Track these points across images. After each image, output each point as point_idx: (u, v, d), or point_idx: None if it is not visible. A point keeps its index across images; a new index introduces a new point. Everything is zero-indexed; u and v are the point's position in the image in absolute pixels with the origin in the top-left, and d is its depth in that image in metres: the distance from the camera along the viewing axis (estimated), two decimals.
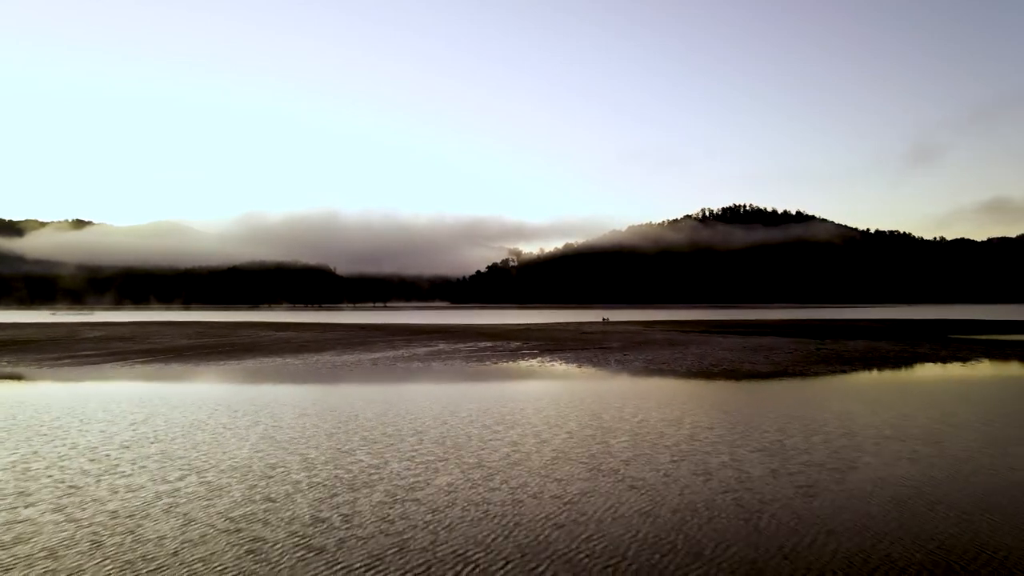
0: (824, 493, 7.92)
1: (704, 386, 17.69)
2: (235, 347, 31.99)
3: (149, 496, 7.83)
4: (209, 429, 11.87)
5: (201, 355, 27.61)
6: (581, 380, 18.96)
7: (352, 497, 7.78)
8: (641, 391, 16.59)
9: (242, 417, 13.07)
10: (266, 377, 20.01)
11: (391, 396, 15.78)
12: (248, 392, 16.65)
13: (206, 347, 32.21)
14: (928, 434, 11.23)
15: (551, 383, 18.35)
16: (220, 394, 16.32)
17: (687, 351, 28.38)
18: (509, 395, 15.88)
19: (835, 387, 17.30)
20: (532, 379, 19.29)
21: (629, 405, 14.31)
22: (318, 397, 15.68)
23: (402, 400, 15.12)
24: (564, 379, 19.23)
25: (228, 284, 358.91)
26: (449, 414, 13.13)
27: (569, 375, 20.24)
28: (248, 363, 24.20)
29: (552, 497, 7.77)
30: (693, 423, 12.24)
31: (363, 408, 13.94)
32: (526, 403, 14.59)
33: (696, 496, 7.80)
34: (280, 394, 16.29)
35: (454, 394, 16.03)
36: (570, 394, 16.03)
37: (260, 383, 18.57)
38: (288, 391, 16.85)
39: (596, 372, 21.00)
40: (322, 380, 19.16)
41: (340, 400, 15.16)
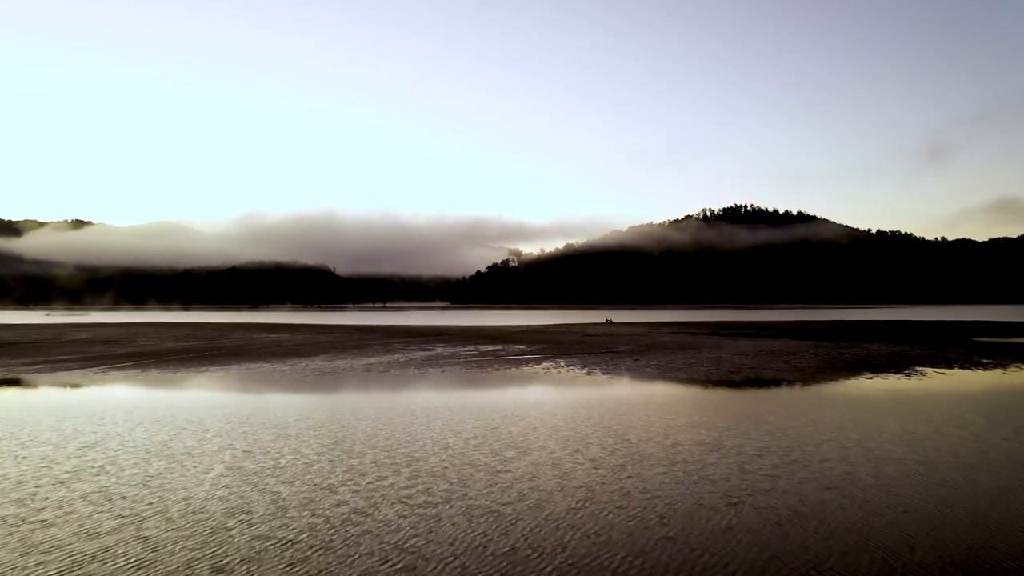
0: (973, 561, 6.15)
1: (731, 397, 15.92)
2: (222, 351, 30.22)
3: (62, 562, 6.05)
4: (169, 456, 10.10)
5: (184, 360, 25.84)
6: (594, 390, 17.19)
7: (327, 563, 6.01)
8: (663, 403, 14.83)
9: (211, 439, 11.30)
10: (247, 386, 18.24)
11: (383, 410, 14.01)
12: (224, 405, 14.88)
13: (191, 351, 30.44)
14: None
15: (562, 394, 16.58)
16: (192, 408, 14.55)
17: (700, 355, 26.62)
18: (517, 409, 14.12)
19: (879, 399, 15.53)
20: (540, 389, 17.51)
21: (655, 422, 12.54)
22: (301, 412, 13.91)
23: (396, 416, 13.36)
24: (575, 389, 17.46)
25: (227, 285, 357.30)
26: (450, 434, 11.37)
27: (580, 384, 18.47)
28: (232, 369, 22.44)
29: (593, 562, 6.01)
30: (737, 448, 10.46)
31: (351, 427, 12.18)
32: (538, 420, 12.82)
33: (780, 558, 6.03)
34: (259, 408, 14.52)
35: (455, 408, 14.26)
36: (586, 408, 14.27)
37: (239, 394, 16.79)
38: (268, 404, 15.08)
39: (609, 380, 19.23)
40: (308, 390, 17.39)
41: (325, 416, 13.39)
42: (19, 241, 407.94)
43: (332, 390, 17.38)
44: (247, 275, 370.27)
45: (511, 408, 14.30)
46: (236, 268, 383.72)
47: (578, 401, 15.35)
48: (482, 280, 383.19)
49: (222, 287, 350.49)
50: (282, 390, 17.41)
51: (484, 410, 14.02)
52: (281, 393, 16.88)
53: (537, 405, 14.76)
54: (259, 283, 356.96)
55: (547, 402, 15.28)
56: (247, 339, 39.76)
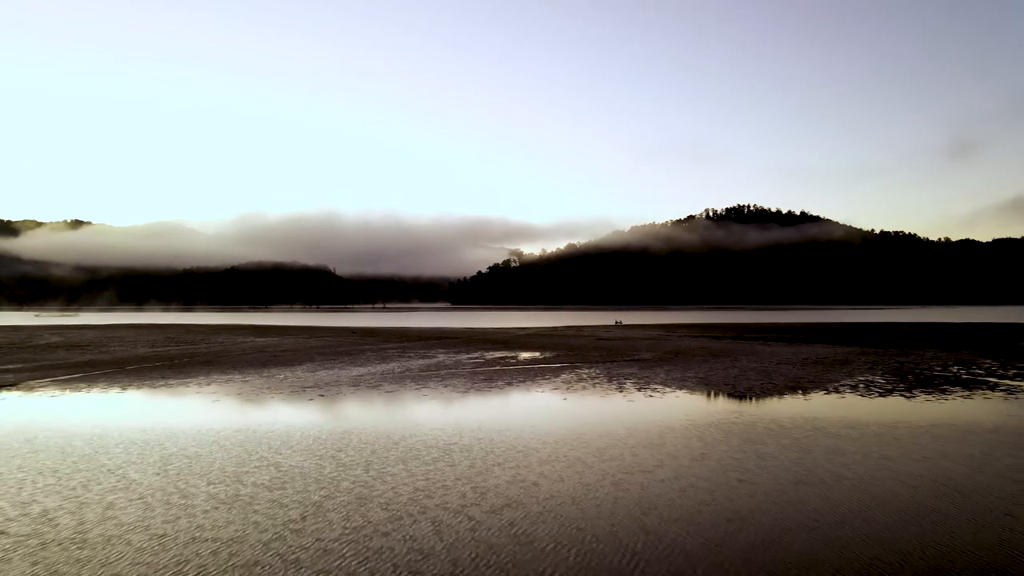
0: None
1: (821, 426, 12.38)
2: (195, 359, 26.74)
3: None
4: (68, 526, 6.62)
5: (145, 370, 22.38)
6: (641, 416, 13.68)
7: None
8: (745, 435, 11.29)
9: (131, 491, 7.84)
10: (204, 407, 14.75)
11: (366, 448, 10.53)
12: (167, 436, 11.41)
13: (161, 358, 26.98)
14: None
15: (603, 423, 13.06)
16: (128, 439, 11.08)
17: (740, 364, 23.12)
18: (543, 447, 10.62)
19: (1011, 426, 12.00)
20: (572, 415, 13.99)
21: (752, 469, 9.03)
22: (257, 451, 10.42)
23: (381, 457, 9.87)
24: (617, 415, 13.93)
25: (226, 285, 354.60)
26: (458, 502, 7.82)
27: (618, 406, 14.96)
28: (193, 383, 18.96)
29: None
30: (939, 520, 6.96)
31: (317, 480, 8.69)
32: (577, 468, 9.32)
33: None
34: (207, 442, 11.04)
35: (459, 446, 10.76)
36: (641, 444, 10.75)
37: (191, 418, 13.31)
38: (221, 436, 11.59)
39: (649, 399, 15.71)
40: (270, 416, 13.90)
41: (288, 458, 9.91)
42: (17, 241, 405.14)
43: (305, 413, 13.88)
44: (246, 275, 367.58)
45: (534, 443, 10.78)
46: (235, 268, 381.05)
47: (630, 435, 11.82)
48: (483, 281, 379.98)
49: (221, 288, 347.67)
50: (235, 416, 13.91)
51: (497, 448, 10.50)
52: (231, 421, 13.38)
53: (578, 443, 11.16)
54: (258, 284, 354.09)
55: (581, 434, 11.76)
56: (229, 344, 36.29)
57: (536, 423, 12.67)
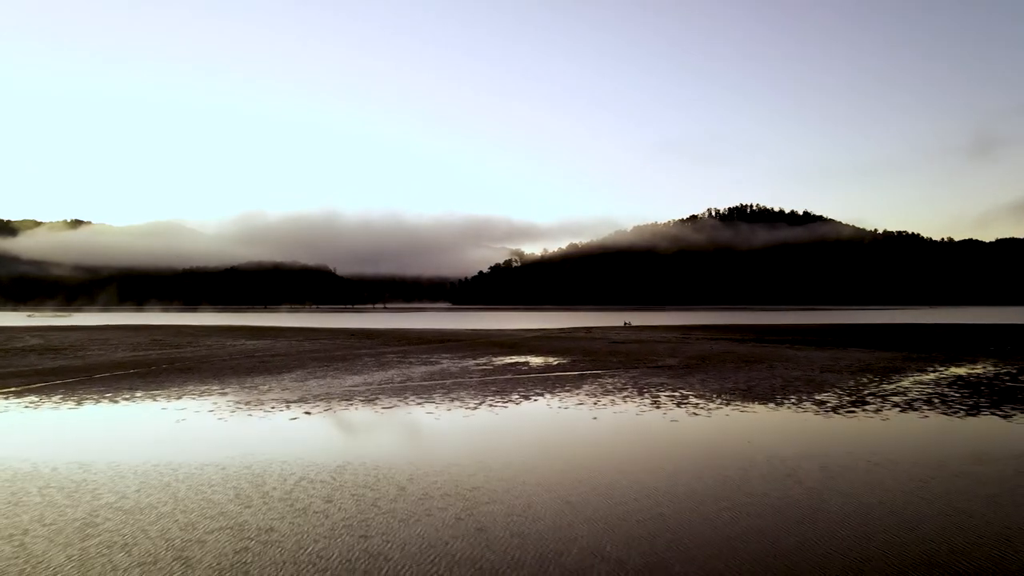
0: None
1: (942, 458, 9.94)
2: (175, 365, 24.32)
3: None
4: None
5: (117, 379, 19.97)
6: (691, 439, 11.25)
7: None
8: (846, 478, 8.86)
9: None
10: (164, 432, 12.34)
11: (363, 497, 8.09)
12: (108, 476, 8.99)
13: (139, 364, 24.57)
14: None
15: (650, 452, 10.63)
16: (56, 481, 8.65)
17: (778, 372, 20.70)
18: (607, 502, 8.20)
19: None
20: (605, 440, 11.55)
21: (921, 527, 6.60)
22: (218, 501, 7.99)
23: (385, 512, 7.45)
24: (661, 438, 11.49)
25: (226, 285, 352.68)
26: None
27: (655, 425, 12.52)
28: (168, 394, 16.53)
29: None
30: None
31: (296, 556, 6.28)
32: (672, 541, 6.91)
33: None
34: (156, 486, 8.61)
35: (486, 493, 8.33)
36: (733, 495, 8.33)
37: (145, 448, 10.89)
38: (176, 475, 9.17)
39: (691, 416, 13.27)
40: (250, 441, 11.49)
41: (259, 515, 7.47)
42: (16, 241, 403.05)
43: (280, 447, 11.45)
44: (246, 275, 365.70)
45: (609, 507, 8.35)
46: (235, 268, 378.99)
47: (701, 477, 9.38)
48: (484, 281, 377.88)
49: (221, 288, 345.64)
50: (199, 445, 11.47)
51: (554, 513, 8.07)
52: (192, 453, 10.95)
53: (644, 493, 8.75)
54: (258, 284, 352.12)
55: (657, 483, 9.32)
56: (217, 347, 33.88)
57: (575, 456, 10.21)
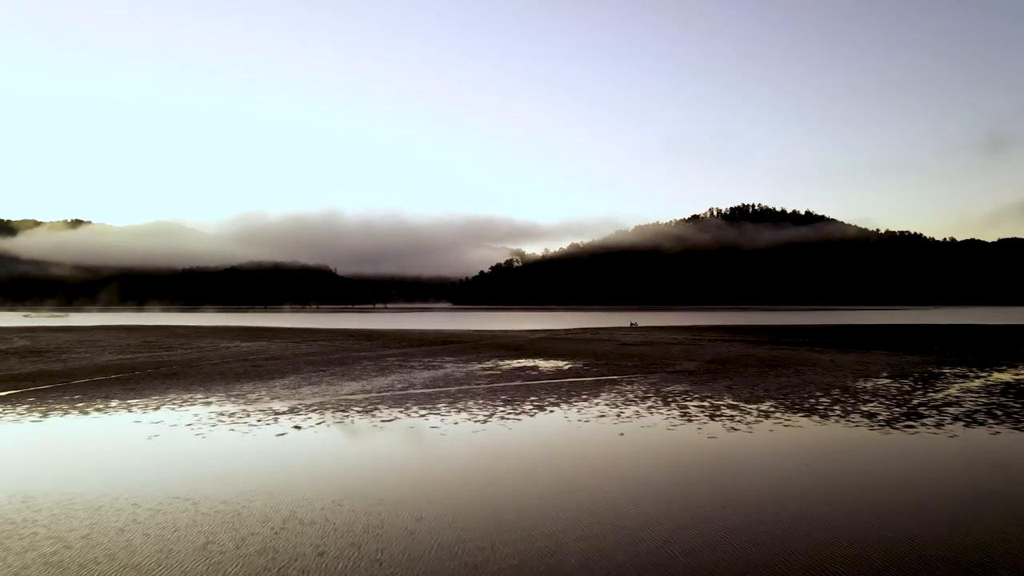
0: None
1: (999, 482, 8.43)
2: (161, 369, 22.82)
3: None
4: None
5: (96, 385, 18.48)
6: (740, 463, 9.73)
7: None
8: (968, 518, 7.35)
9: None
10: (132, 451, 10.83)
11: (366, 550, 6.58)
12: (52, 515, 7.49)
13: (123, 368, 23.07)
14: None
15: (698, 481, 9.10)
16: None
17: (807, 378, 19.17)
18: (648, 558, 6.67)
19: None
20: (641, 465, 10.01)
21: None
22: (182, 552, 6.49)
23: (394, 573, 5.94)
24: (705, 461, 9.96)
25: (226, 285, 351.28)
26: None
27: (693, 442, 11.00)
28: (146, 403, 15.02)
29: None
30: None
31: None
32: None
33: None
34: (108, 530, 7.11)
35: (517, 543, 6.81)
36: (818, 547, 6.82)
37: (103, 474, 9.40)
38: (135, 515, 7.66)
39: (729, 432, 11.74)
40: (229, 464, 9.98)
41: (209, 571, 5.98)
42: (15, 240, 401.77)
43: (262, 474, 9.93)
44: (246, 275, 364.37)
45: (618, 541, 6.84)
46: (235, 268, 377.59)
47: (777, 518, 7.84)
48: (485, 281, 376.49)
49: (221, 288, 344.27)
50: (167, 470, 9.96)
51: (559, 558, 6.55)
52: (158, 481, 9.44)
53: (702, 544, 7.26)
54: (258, 283, 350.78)
55: (704, 525, 7.81)
56: (210, 349, 32.38)
57: (613, 488, 8.68)
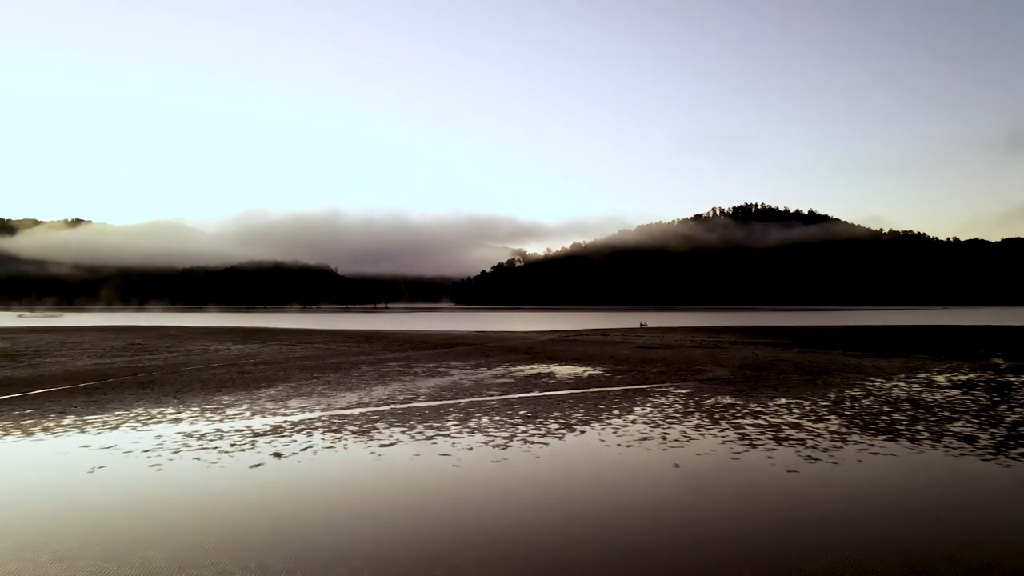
0: None
1: None
2: (138, 375, 20.58)
3: None
4: None
5: (59, 395, 16.26)
6: (834, 507, 7.48)
7: None
8: None
9: None
10: (69, 485, 8.60)
11: None
12: None
13: (97, 375, 20.85)
14: None
15: (792, 533, 6.87)
16: None
17: (868, 388, 16.93)
18: None
19: None
20: (711, 509, 7.77)
21: None
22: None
23: None
24: (791, 500, 7.70)
25: (227, 285, 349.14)
26: None
27: (770, 479, 8.74)
28: (107, 418, 12.80)
29: None
30: None
31: None
32: None
33: None
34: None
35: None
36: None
37: (11, 526, 7.17)
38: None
39: (810, 463, 9.48)
40: (175, 514, 7.74)
41: None
42: (14, 240, 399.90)
43: (219, 523, 7.69)
44: (247, 275, 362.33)
45: None
46: (235, 268, 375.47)
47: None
48: (487, 280, 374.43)
49: (221, 287, 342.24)
50: (94, 517, 7.71)
51: None
52: (79, 536, 7.19)
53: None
54: (259, 283, 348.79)
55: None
56: (198, 352, 30.16)
57: (684, 556, 6.43)
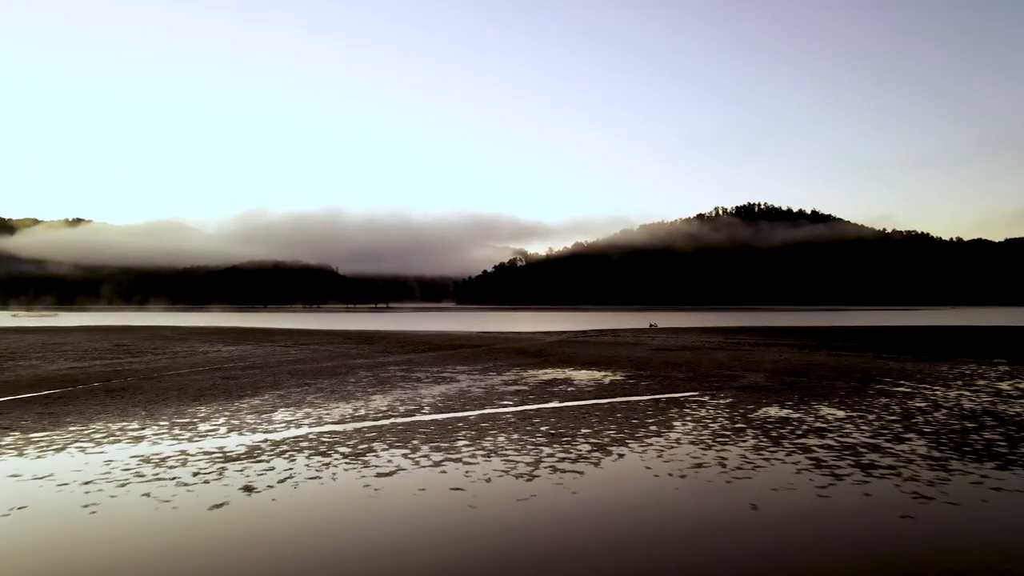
0: None
1: None
2: (110, 383, 18.56)
3: None
4: None
5: (12, 406, 14.27)
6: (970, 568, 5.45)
7: None
8: None
9: None
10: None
11: None
12: None
13: (66, 381, 18.84)
14: None
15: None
16: None
17: (931, 398, 14.88)
18: None
19: None
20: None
21: None
22: None
23: None
24: (926, 568, 5.69)
25: (227, 284, 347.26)
26: None
27: (857, 511, 6.69)
28: (51, 440, 10.80)
29: None
30: None
31: None
32: None
33: None
34: None
35: None
36: None
37: None
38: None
39: (904, 496, 7.43)
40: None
41: None
42: (14, 239, 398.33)
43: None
44: (247, 275, 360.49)
45: None
46: (236, 268, 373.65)
47: None
48: (489, 280, 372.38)
49: (222, 287, 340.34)
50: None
51: None
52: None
53: None
54: (259, 283, 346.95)
55: None
56: (185, 355, 28.13)
57: None
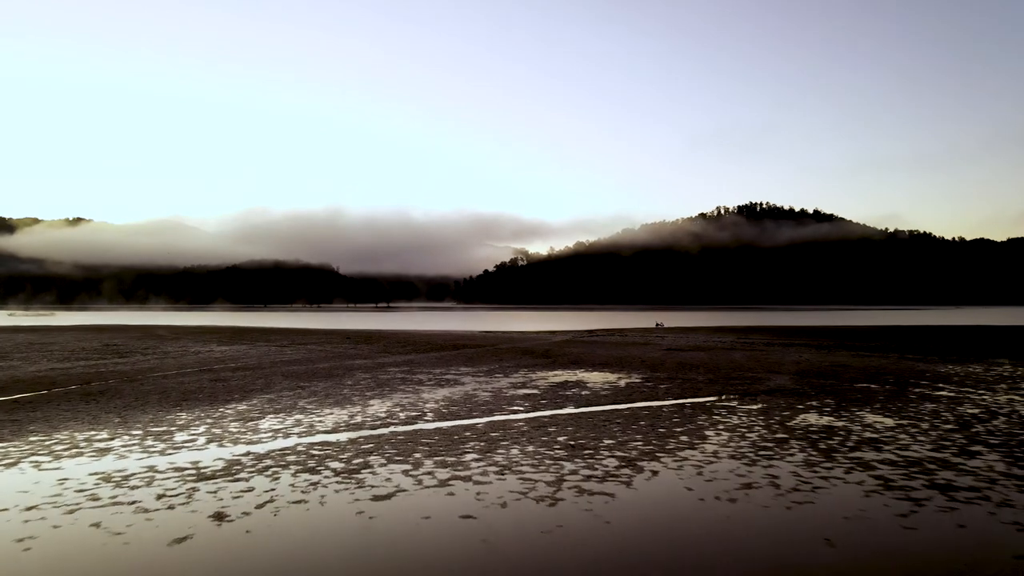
0: None
1: None
2: (90, 384, 17.26)
3: None
4: None
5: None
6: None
7: None
8: None
9: None
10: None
11: None
12: None
13: (44, 383, 17.55)
14: None
15: None
16: None
17: (983, 404, 13.57)
18: None
19: None
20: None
21: None
22: None
23: None
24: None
25: (227, 284, 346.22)
26: None
27: (964, 548, 5.39)
28: (2, 454, 9.51)
29: None
30: None
31: None
32: None
33: None
34: None
35: None
36: None
37: None
38: None
39: (990, 520, 6.13)
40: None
41: None
42: (13, 238, 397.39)
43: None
44: (248, 274, 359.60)
45: None
46: (237, 267, 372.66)
47: None
48: (490, 279, 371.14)
49: (222, 286, 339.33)
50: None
51: None
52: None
53: None
54: (260, 282, 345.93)
55: None
56: (175, 355, 26.83)
57: None
